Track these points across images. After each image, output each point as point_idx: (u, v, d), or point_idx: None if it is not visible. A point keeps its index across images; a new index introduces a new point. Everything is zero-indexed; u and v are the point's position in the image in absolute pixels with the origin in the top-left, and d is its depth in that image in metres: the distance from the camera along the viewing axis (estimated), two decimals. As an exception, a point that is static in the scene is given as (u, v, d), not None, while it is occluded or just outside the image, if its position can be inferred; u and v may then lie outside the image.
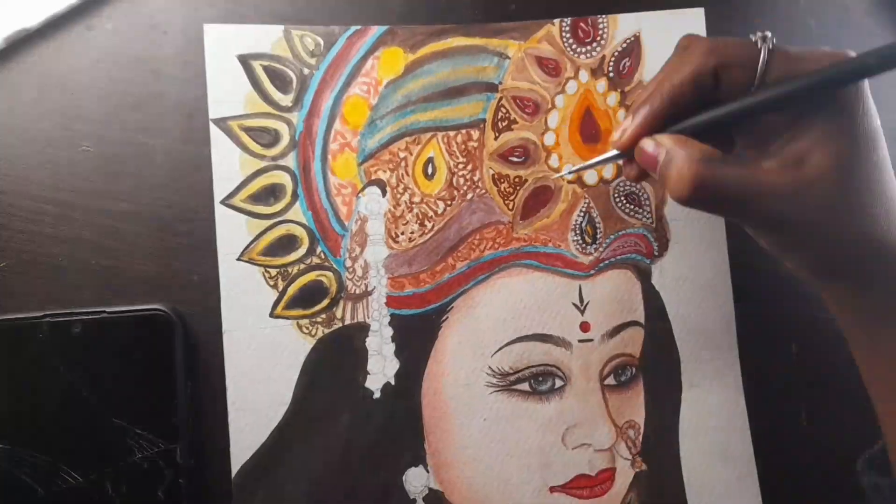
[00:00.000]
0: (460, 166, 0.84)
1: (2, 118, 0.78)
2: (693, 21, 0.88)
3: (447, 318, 0.83)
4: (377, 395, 0.81)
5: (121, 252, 0.78)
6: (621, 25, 0.87)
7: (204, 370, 0.78)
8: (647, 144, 0.69)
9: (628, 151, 0.71)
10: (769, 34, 0.65)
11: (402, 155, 0.83)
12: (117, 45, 0.80)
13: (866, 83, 0.66)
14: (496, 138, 0.85)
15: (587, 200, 0.85)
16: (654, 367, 0.85)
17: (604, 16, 0.86)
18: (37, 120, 0.78)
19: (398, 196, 0.83)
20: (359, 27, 0.83)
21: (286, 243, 0.81)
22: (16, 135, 0.78)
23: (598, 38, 0.87)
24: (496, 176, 0.84)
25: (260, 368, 0.79)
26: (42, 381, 0.74)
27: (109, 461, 0.74)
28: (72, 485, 0.73)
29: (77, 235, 0.78)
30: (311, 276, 0.81)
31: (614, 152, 0.73)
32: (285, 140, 0.82)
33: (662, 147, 0.67)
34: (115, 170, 0.79)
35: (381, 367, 0.81)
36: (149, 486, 0.75)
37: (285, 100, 0.82)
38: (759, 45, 0.65)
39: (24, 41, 0.78)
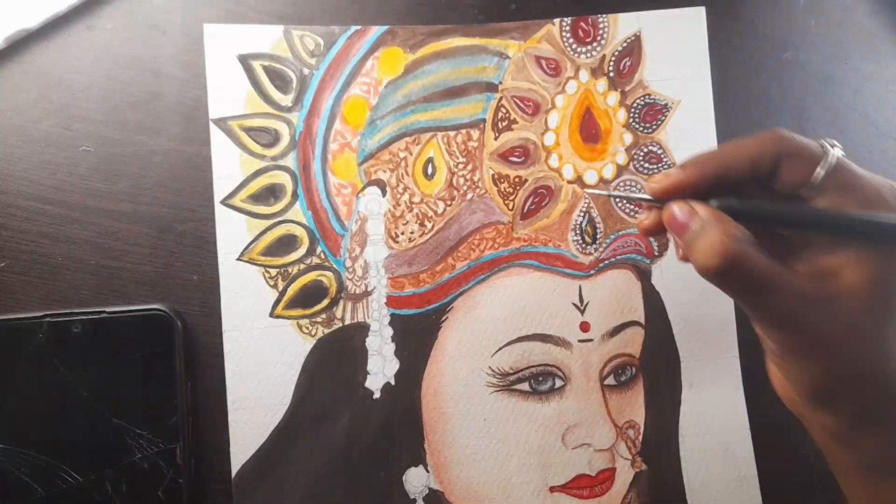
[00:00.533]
0: (460, 166, 0.84)
1: (2, 118, 0.78)
2: (694, 20, 0.88)
3: (447, 318, 0.83)
4: (377, 394, 0.81)
5: (121, 252, 0.78)
6: (622, 25, 0.87)
7: (204, 370, 0.78)
8: (682, 208, 0.65)
9: (661, 200, 0.66)
10: (839, 146, 0.63)
11: (402, 155, 0.83)
12: (117, 45, 0.80)
13: None
14: (496, 138, 0.85)
15: (587, 200, 0.85)
16: (654, 367, 0.85)
17: (604, 15, 0.86)
18: (37, 120, 0.78)
19: (398, 196, 0.83)
20: (359, 27, 0.83)
21: (286, 243, 0.81)
22: (16, 135, 0.78)
23: (599, 38, 0.87)
24: (496, 176, 0.84)
25: (260, 368, 0.79)
26: (42, 381, 0.74)
27: (109, 461, 0.74)
28: (72, 485, 0.73)
29: (77, 235, 0.78)
30: (311, 276, 0.81)
31: (646, 195, 0.67)
32: (285, 140, 0.82)
33: (697, 216, 0.64)
34: (115, 170, 0.79)
35: (381, 367, 0.81)
36: (149, 486, 0.74)
37: (285, 100, 0.82)
38: (825, 149, 0.63)
39: (24, 41, 0.78)
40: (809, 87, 0.89)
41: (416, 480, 0.81)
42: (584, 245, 0.84)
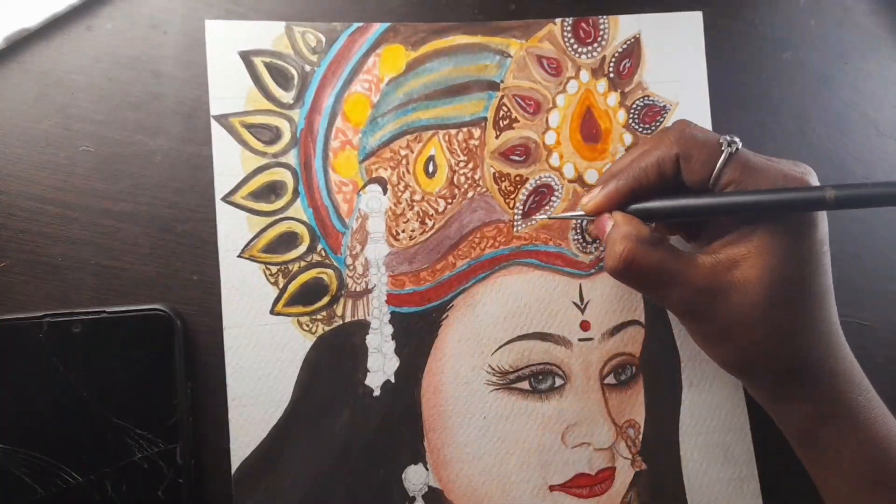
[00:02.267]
0: (461, 164, 0.84)
1: (2, 118, 0.77)
2: (691, 24, 0.88)
3: (447, 316, 0.82)
4: (377, 392, 0.80)
5: (121, 252, 0.78)
6: (622, 26, 0.87)
7: (204, 370, 0.78)
8: (601, 220, 0.75)
9: (593, 216, 0.77)
10: (737, 140, 0.69)
11: (403, 153, 0.83)
12: (117, 45, 0.79)
13: (824, 214, 0.70)
14: (497, 137, 0.84)
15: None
16: (655, 366, 0.84)
17: (604, 16, 0.86)
18: (37, 120, 0.77)
19: (399, 194, 0.82)
20: (361, 24, 0.83)
21: (287, 240, 0.81)
22: (16, 135, 0.77)
23: (599, 39, 0.86)
24: (497, 174, 0.84)
25: (260, 365, 0.79)
26: (42, 381, 0.74)
27: (109, 461, 0.74)
28: (72, 485, 0.73)
29: (77, 235, 0.77)
30: (312, 273, 0.81)
31: (582, 213, 0.78)
32: (286, 137, 0.81)
33: (611, 220, 0.74)
34: (115, 170, 0.78)
35: (381, 365, 0.81)
36: (149, 486, 0.74)
37: (287, 97, 0.82)
38: (722, 148, 0.69)
39: (24, 41, 0.78)
40: (809, 87, 0.89)
41: (415, 478, 0.80)
42: (584, 244, 0.84)
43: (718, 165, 0.69)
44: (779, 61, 0.89)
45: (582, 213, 0.77)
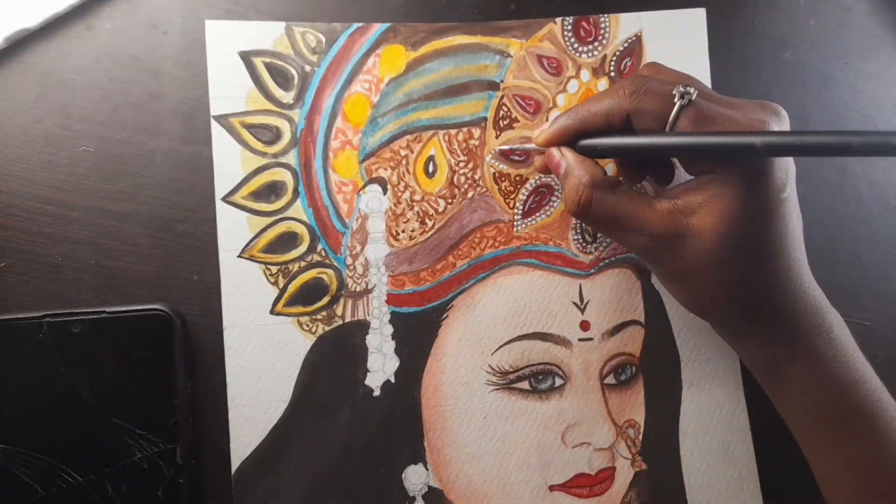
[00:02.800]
0: (461, 164, 0.83)
1: (2, 118, 0.77)
2: (694, 21, 0.87)
3: (447, 316, 0.82)
4: (377, 392, 0.80)
5: (121, 252, 0.78)
6: (623, 25, 0.86)
7: (204, 370, 0.78)
8: (555, 153, 0.77)
9: (543, 149, 0.78)
10: (691, 90, 0.69)
11: (403, 153, 0.83)
12: (117, 45, 0.79)
13: (789, 160, 0.71)
14: (497, 136, 0.84)
15: None
16: (655, 366, 0.84)
17: (605, 15, 0.85)
18: (37, 120, 0.77)
19: (399, 194, 0.82)
20: (360, 24, 0.83)
21: (287, 240, 0.81)
22: (16, 135, 0.77)
23: (600, 38, 0.86)
24: (497, 174, 0.84)
25: (260, 365, 0.79)
26: (42, 381, 0.74)
27: (109, 461, 0.74)
28: (72, 485, 0.73)
29: (77, 235, 0.77)
30: (312, 273, 0.81)
31: (532, 145, 0.80)
32: (287, 137, 0.81)
33: (564, 160, 0.75)
34: (115, 170, 0.78)
35: (381, 365, 0.81)
36: (149, 486, 0.74)
37: (287, 97, 0.81)
38: (675, 100, 0.69)
39: (24, 41, 0.78)
40: (809, 87, 0.88)
41: (415, 478, 0.80)
42: (584, 244, 0.84)
43: (670, 120, 0.69)
44: (779, 61, 0.88)
45: (533, 145, 0.79)
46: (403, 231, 0.82)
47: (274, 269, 0.80)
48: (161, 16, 0.80)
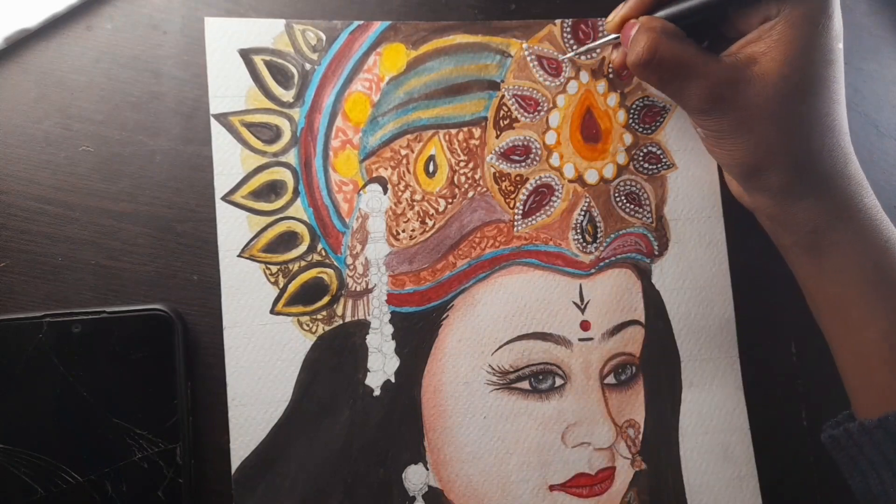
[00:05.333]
0: (462, 164, 0.83)
1: (2, 118, 0.77)
2: None
3: (447, 316, 0.82)
4: (377, 392, 0.80)
5: (121, 252, 0.77)
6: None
7: (204, 370, 0.77)
8: (629, 24, 0.76)
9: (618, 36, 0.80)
10: None
11: (403, 152, 0.82)
12: (117, 45, 0.79)
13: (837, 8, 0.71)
14: (498, 136, 0.84)
15: (588, 199, 0.85)
16: (655, 366, 0.84)
17: (603, 18, 0.84)
18: (37, 120, 0.77)
19: (399, 193, 0.82)
20: (361, 22, 0.82)
21: (287, 240, 0.80)
22: (16, 135, 0.77)
23: (598, 40, 0.85)
24: (497, 174, 0.83)
25: (260, 365, 0.78)
26: (42, 381, 0.73)
27: (109, 461, 0.73)
28: (72, 485, 0.72)
29: (77, 235, 0.77)
30: (312, 273, 0.80)
31: (611, 36, 0.80)
32: (287, 136, 0.81)
33: (637, 23, 0.75)
34: (115, 170, 0.78)
35: (382, 365, 0.80)
36: (149, 486, 0.74)
37: (287, 95, 0.81)
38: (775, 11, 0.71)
39: (24, 41, 0.77)
40: None
41: (415, 478, 0.80)
42: (584, 244, 0.83)
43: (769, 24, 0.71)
44: None
45: (609, 36, 0.80)
46: (404, 231, 0.82)
47: (274, 268, 0.79)
48: (161, 15, 0.80)
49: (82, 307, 0.75)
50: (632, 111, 0.86)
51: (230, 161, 0.79)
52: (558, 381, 0.82)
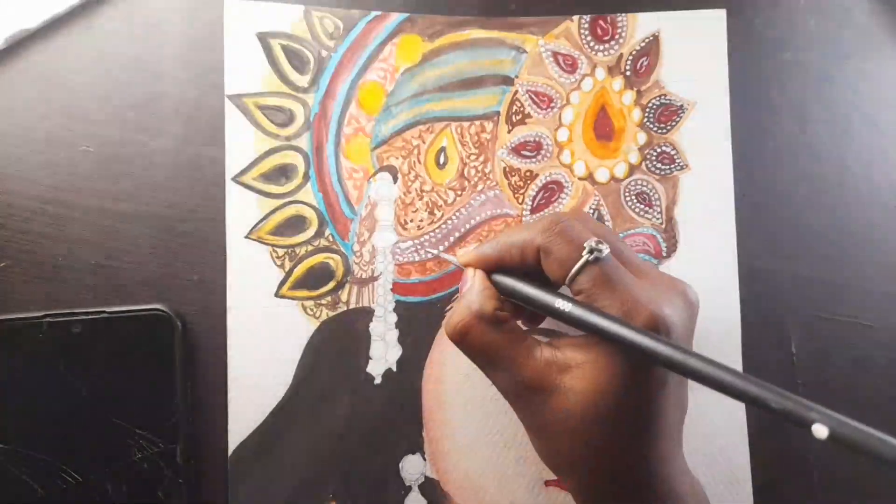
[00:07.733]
0: (472, 157, 0.77)
1: (2, 118, 0.72)
2: (714, 22, 0.79)
3: (452, 307, 0.76)
4: (378, 380, 0.75)
5: (121, 252, 0.73)
6: (641, 24, 0.79)
7: (204, 370, 0.73)
8: (469, 274, 0.66)
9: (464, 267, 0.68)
10: (603, 248, 0.59)
11: (415, 143, 0.77)
12: (117, 45, 0.74)
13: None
14: (510, 131, 0.77)
15: (597, 198, 0.78)
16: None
17: (623, 14, 0.78)
18: (37, 120, 0.72)
19: (409, 183, 0.76)
20: (379, 12, 0.76)
21: (295, 224, 0.75)
22: (16, 135, 0.72)
23: (617, 37, 0.78)
24: (507, 169, 0.77)
25: (263, 347, 0.74)
26: (42, 381, 0.69)
27: (109, 461, 0.69)
28: (72, 485, 0.69)
29: (77, 235, 0.72)
30: (319, 258, 0.75)
31: (456, 260, 0.70)
32: (300, 120, 0.75)
33: (469, 281, 0.65)
34: (115, 170, 0.73)
35: (384, 353, 0.75)
36: (149, 486, 0.70)
37: (302, 80, 0.75)
38: (583, 254, 0.59)
39: (24, 41, 0.72)
40: (809, 87, 0.82)
41: (412, 468, 0.75)
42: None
43: (573, 272, 0.59)
44: (779, 61, 0.82)
45: (456, 262, 0.70)
46: (412, 220, 0.76)
47: (281, 251, 0.75)
48: (161, 15, 0.75)
49: (82, 307, 0.71)
50: (647, 109, 0.79)
51: (243, 142, 0.74)
52: (558, 379, 0.75)
